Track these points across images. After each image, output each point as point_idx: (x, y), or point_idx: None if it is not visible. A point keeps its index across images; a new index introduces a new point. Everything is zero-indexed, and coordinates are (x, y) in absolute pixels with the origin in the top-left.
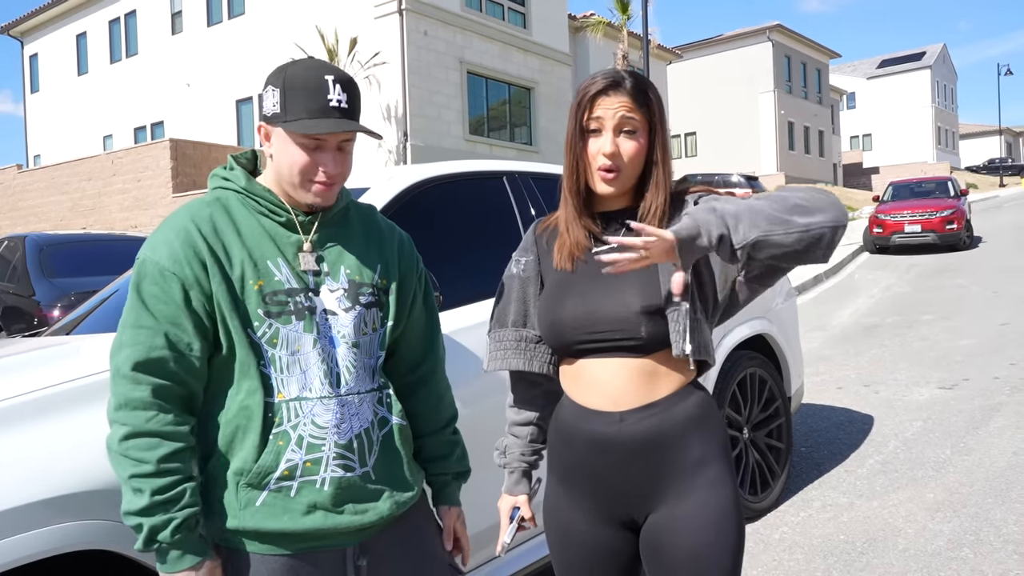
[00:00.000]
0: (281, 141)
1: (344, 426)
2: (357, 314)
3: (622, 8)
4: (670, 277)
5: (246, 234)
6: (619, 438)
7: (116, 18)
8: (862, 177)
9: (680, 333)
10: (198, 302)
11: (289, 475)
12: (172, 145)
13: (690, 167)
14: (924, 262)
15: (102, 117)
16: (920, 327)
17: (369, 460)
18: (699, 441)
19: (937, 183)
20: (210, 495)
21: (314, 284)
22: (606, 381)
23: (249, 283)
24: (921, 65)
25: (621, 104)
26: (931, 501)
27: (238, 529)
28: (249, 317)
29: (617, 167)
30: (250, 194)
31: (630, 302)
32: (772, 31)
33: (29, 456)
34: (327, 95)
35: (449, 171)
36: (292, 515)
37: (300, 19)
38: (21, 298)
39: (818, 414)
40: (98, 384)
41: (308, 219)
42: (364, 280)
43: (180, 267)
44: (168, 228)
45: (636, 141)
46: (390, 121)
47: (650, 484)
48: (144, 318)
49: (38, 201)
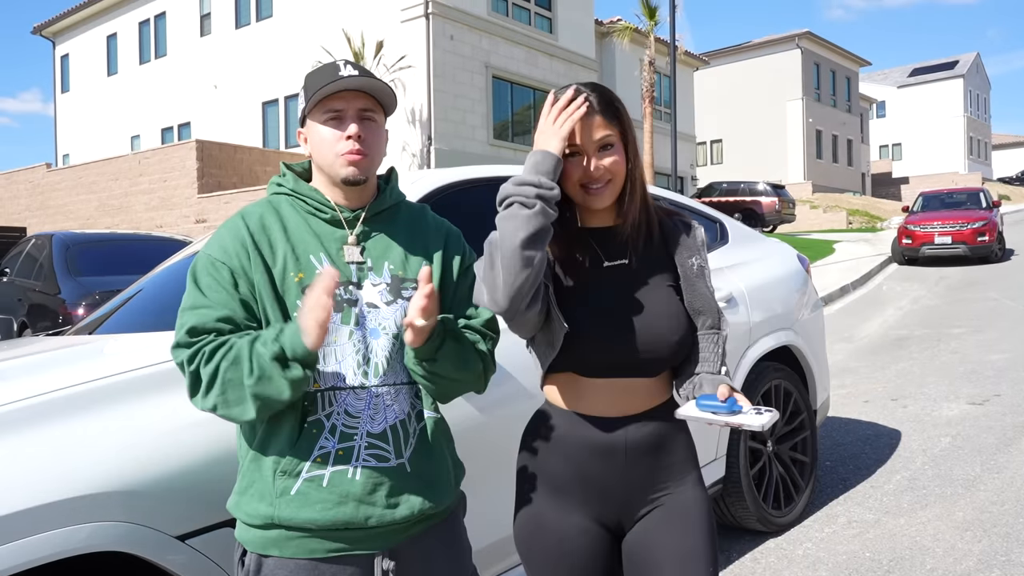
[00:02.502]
0: (312, 131)
1: (378, 416)
2: (400, 307)
3: (649, 14)
4: (701, 301)
5: (292, 231)
6: (623, 443)
7: (146, 20)
8: (891, 187)
9: (719, 355)
10: (245, 289)
11: (322, 462)
12: (198, 146)
13: (716, 174)
14: (954, 274)
15: (130, 117)
16: (950, 340)
17: (405, 452)
18: (684, 445)
19: (968, 194)
20: (255, 479)
21: (357, 278)
22: (613, 394)
23: (290, 275)
24: (954, 74)
25: (595, 126)
26: (960, 520)
27: (272, 518)
28: (288, 308)
29: (607, 180)
30: (297, 194)
31: (661, 330)
32: (801, 38)
33: (48, 456)
34: (339, 72)
35: (472, 176)
36: (324, 504)
37: (327, 22)
38: (47, 296)
39: (844, 428)
40: (119, 384)
41: (353, 215)
42: (408, 275)
43: (229, 257)
44: (223, 227)
45: (616, 155)
46: (415, 125)
47: (647, 485)
48: (200, 300)
49: (66, 200)
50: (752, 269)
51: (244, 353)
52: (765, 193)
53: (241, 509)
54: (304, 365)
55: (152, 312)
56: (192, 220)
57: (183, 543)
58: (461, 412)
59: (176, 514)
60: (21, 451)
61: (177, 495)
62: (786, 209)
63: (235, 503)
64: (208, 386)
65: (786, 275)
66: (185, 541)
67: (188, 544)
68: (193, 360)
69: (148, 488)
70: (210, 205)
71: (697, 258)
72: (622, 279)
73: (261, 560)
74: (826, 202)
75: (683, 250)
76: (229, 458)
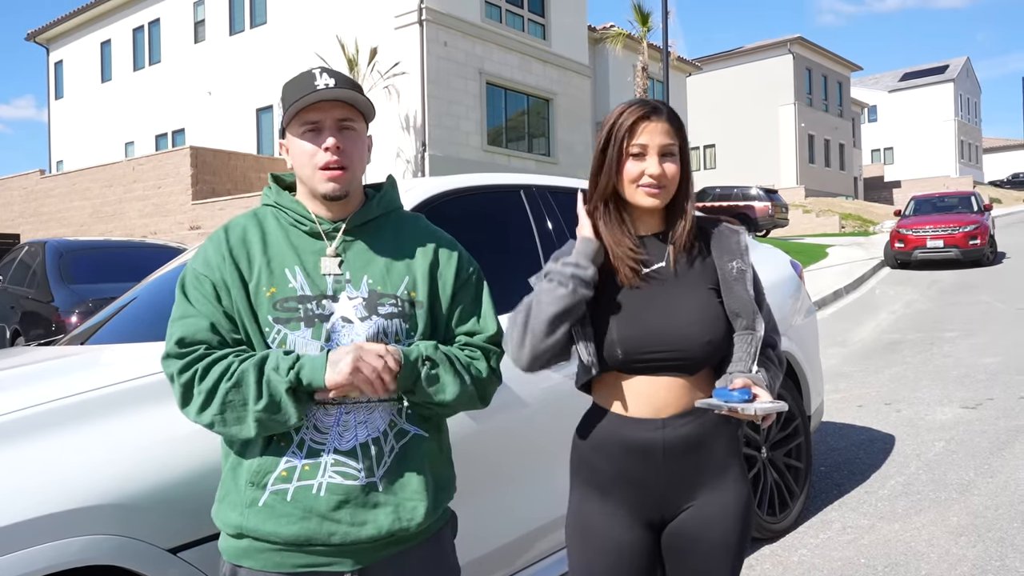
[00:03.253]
0: (292, 144)
1: (347, 434)
2: (375, 324)
3: (642, 20)
4: (738, 302)
5: (271, 244)
6: (662, 443)
7: (140, 26)
8: (883, 191)
9: (751, 355)
10: (227, 302)
11: (287, 477)
12: (192, 152)
13: (709, 179)
14: (946, 278)
15: (124, 124)
16: (943, 344)
17: (377, 471)
18: (724, 443)
19: (960, 198)
20: (230, 488)
21: (333, 291)
22: (651, 394)
23: (263, 289)
24: (944, 78)
25: (663, 131)
26: (955, 525)
27: (242, 527)
28: (261, 322)
29: (662, 186)
30: (279, 206)
31: (692, 330)
32: (793, 43)
33: (41, 469)
34: (314, 82)
35: (467, 184)
36: (288, 519)
37: (321, 29)
38: (40, 304)
39: (838, 433)
40: (111, 396)
41: (334, 227)
42: (387, 291)
43: (211, 271)
44: (208, 240)
45: (676, 164)
46: (409, 131)
47: (687, 482)
48: (188, 310)
49: (60, 206)
50: None
51: (250, 378)
52: (758, 198)
53: (219, 517)
54: (310, 395)
55: (145, 322)
56: (186, 227)
57: (175, 556)
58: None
59: (168, 527)
60: (13, 463)
61: (170, 508)
62: (779, 213)
63: (215, 511)
64: (204, 404)
65: (779, 281)
66: (177, 554)
67: (180, 557)
68: (184, 373)
69: (140, 501)
70: (204, 212)
71: (738, 262)
72: (661, 283)
73: (236, 570)
74: (819, 206)
75: (724, 254)
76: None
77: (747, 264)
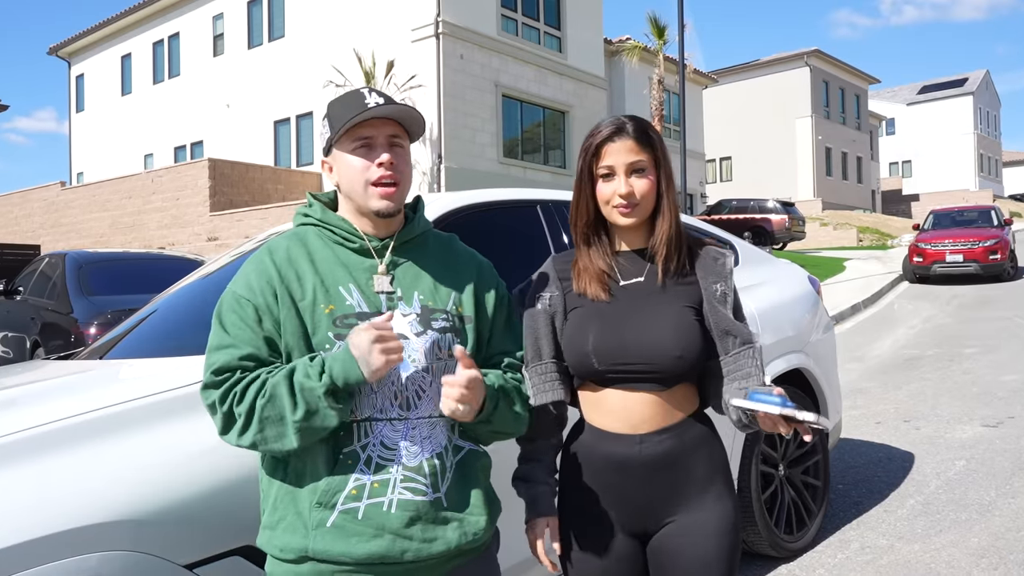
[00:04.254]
0: (340, 161)
1: (414, 449)
2: (430, 339)
3: (658, 33)
4: (724, 322)
5: (319, 262)
6: (639, 459)
7: (160, 40)
8: (901, 204)
9: (760, 368)
10: (270, 326)
11: (357, 495)
12: (210, 165)
13: (725, 192)
14: (966, 292)
15: (144, 136)
16: (962, 360)
17: (442, 487)
18: (706, 460)
19: (980, 212)
20: (287, 512)
21: (387, 308)
22: (627, 408)
23: (320, 307)
24: (963, 91)
25: (628, 149)
26: (975, 546)
27: (306, 551)
28: (320, 341)
29: (633, 204)
30: (325, 224)
31: (669, 339)
32: (810, 56)
33: (59, 485)
34: (364, 100)
35: (483, 199)
36: (360, 538)
37: (338, 42)
38: (60, 315)
39: (856, 450)
40: (128, 412)
41: (382, 244)
42: (438, 306)
43: (254, 295)
44: (249, 263)
45: (647, 178)
46: (425, 144)
47: (666, 498)
48: (225, 339)
49: (80, 218)
50: (762, 291)
51: (283, 389)
52: (775, 210)
53: (273, 544)
54: (350, 394)
55: (162, 336)
56: (204, 238)
57: (191, 572)
58: None
59: (185, 543)
60: (32, 479)
61: (186, 524)
62: (796, 226)
63: (267, 538)
64: (245, 425)
65: (796, 297)
66: (193, 570)
67: (196, 573)
68: (225, 400)
69: (157, 517)
70: (222, 223)
71: (721, 284)
72: (636, 296)
73: None
74: (836, 219)
75: (709, 275)
76: (238, 486)
77: (730, 288)
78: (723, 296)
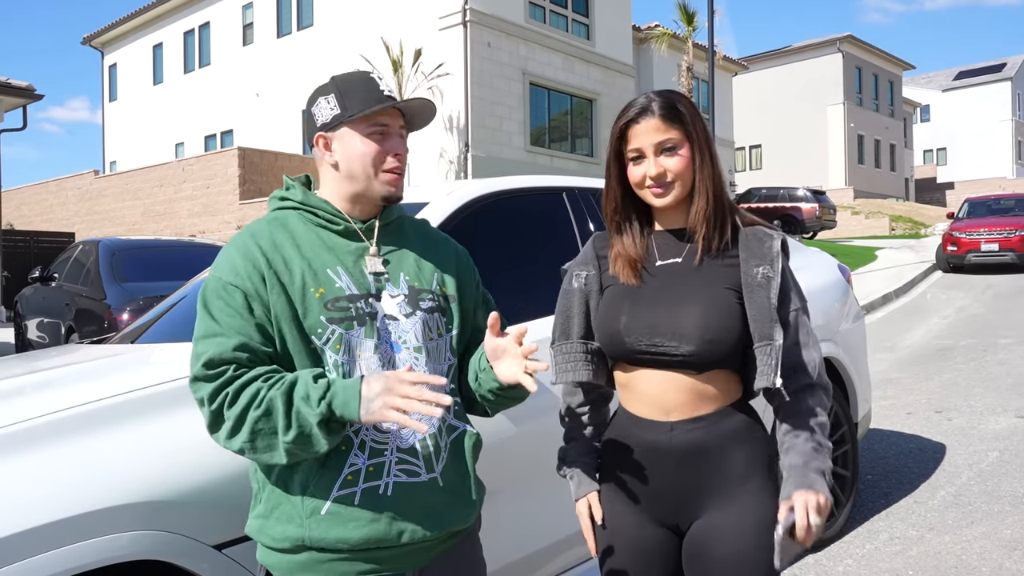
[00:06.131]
0: (347, 140)
1: (406, 431)
2: (419, 319)
3: (687, 20)
4: (758, 310)
5: (304, 246)
6: (668, 446)
7: (191, 30)
8: (936, 192)
9: (772, 367)
10: (260, 312)
11: (352, 480)
12: (240, 153)
13: (755, 180)
14: (1002, 282)
15: (175, 125)
16: (997, 351)
17: (437, 467)
18: (743, 456)
19: (1017, 200)
20: (280, 501)
21: (375, 289)
22: (657, 393)
23: (311, 291)
24: (1001, 77)
25: (655, 129)
26: (1008, 538)
27: (303, 539)
28: (312, 325)
29: (664, 183)
30: (307, 207)
31: (700, 322)
32: (843, 42)
33: (93, 465)
34: (379, 86)
35: (508, 186)
36: (357, 522)
37: (366, 31)
38: (93, 301)
39: (886, 441)
40: (160, 395)
41: (366, 226)
42: (423, 286)
43: (241, 280)
44: (230, 247)
45: (678, 155)
46: (452, 132)
47: (696, 491)
48: (214, 328)
49: (113, 205)
50: None
51: (279, 406)
52: (805, 199)
53: (266, 533)
54: (343, 426)
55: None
56: (234, 226)
57: (220, 552)
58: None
59: (214, 524)
60: (67, 460)
61: (215, 505)
62: (827, 215)
63: (258, 527)
64: (234, 430)
65: (826, 285)
66: (222, 551)
67: (224, 553)
68: (215, 399)
69: (186, 498)
70: (251, 211)
71: (765, 268)
72: (673, 276)
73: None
74: (868, 208)
75: (752, 258)
76: None
77: (775, 271)
78: (765, 280)
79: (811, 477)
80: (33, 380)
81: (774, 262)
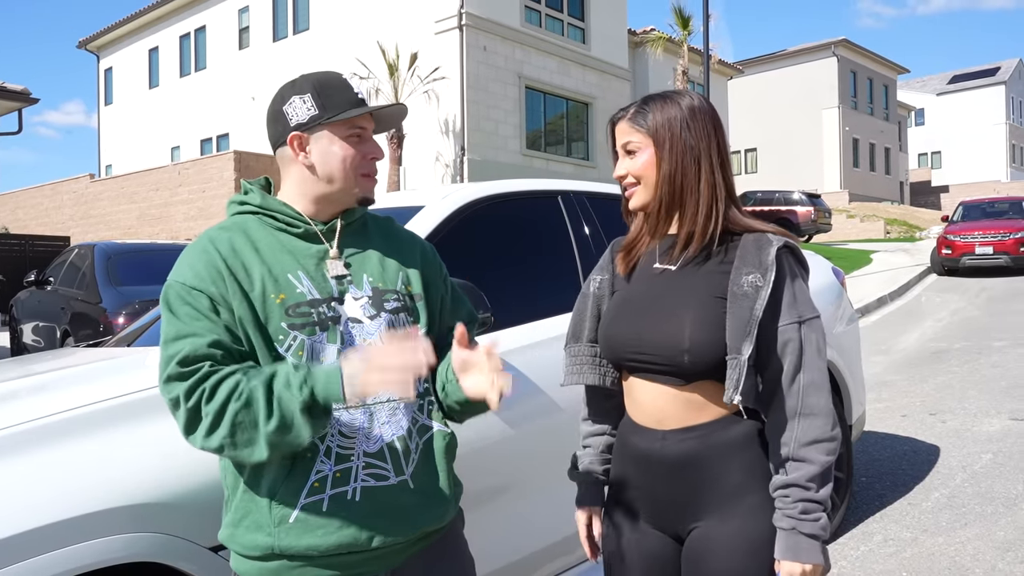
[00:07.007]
0: (324, 143)
1: (374, 435)
2: (384, 321)
3: (682, 24)
4: (736, 321)
5: (264, 251)
6: (661, 455)
7: (187, 34)
8: (930, 196)
9: (734, 382)
10: (226, 316)
11: (319, 487)
12: (236, 157)
13: (750, 183)
14: (996, 285)
15: (171, 129)
16: (991, 353)
17: (407, 469)
18: (740, 468)
19: (1011, 203)
20: (249, 509)
21: (338, 292)
22: (648, 402)
23: (271, 297)
24: (995, 80)
25: (623, 131)
26: (1001, 539)
27: (272, 548)
28: (273, 331)
29: (629, 184)
30: (266, 211)
31: (679, 333)
32: (837, 46)
33: (89, 468)
34: (355, 89)
35: (504, 190)
36: (326, 529)
37: (362, 34)
38: (89, 305)
39: (880, 443)
40: (156, 397)
41: (327, 227)
42: (388, 286)
43: (205, 284)
44: (189, 253)
45: (636, 158)
46: (448, 135)
47: (690, 501)
48: (184, 328)
49: (109, 209)
50: None
51: (259, 395)
52: (800, 202)
53: (236, 541)
54: (327, 413)
55: None
56: None
57: (216, 554)
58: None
59: (208, 526)
60: (63, 462)
61: (210, 507)
62: (822, 218)
63: (229, 535)
64: (212, 426)
65: (819, 288)
66: (218, 553)
67: (220, 556)
68: (191, 395)
69: (182, 500)
70: None
71: (755, 276)
72: (664, 283)
73: None
74: (863, 211)
75: (744, 265)
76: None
77: (766, 281)
78: (753, 289)
79: (802, 546)
80: (29, 383)
81: (767, 271)
